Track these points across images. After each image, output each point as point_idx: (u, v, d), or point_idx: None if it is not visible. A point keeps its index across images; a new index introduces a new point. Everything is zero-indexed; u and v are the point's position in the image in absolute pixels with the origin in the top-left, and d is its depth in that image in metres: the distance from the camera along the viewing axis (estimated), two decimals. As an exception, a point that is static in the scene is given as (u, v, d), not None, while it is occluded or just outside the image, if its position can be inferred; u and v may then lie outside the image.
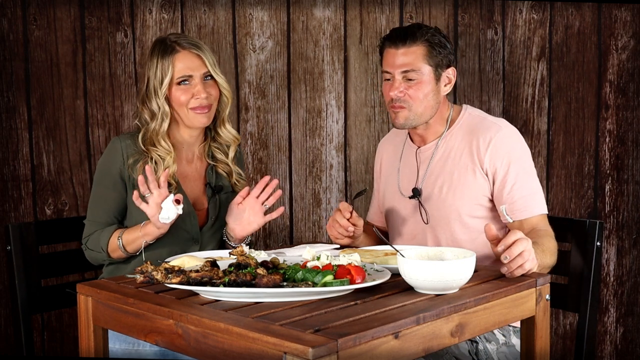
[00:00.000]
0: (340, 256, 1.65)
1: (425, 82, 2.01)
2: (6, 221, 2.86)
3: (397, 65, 2.01)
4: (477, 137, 2.02)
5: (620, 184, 3.03)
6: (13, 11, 2.84)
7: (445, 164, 2.05)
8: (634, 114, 3.02)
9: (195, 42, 2.07)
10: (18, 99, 2.87)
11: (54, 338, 2.96)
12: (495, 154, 1.98)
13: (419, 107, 2.02)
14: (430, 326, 1.40)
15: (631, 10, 2.97)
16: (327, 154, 2.99)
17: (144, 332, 1.52)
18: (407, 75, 2.00)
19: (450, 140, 2.07)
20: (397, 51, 2.01)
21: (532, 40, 2.97)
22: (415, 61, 2.00)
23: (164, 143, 2.06)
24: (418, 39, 2.00)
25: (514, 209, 1.96)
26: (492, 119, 2.08)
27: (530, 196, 1.97)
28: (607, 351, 3.10)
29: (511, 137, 2.02)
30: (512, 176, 1.97)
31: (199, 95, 2.03)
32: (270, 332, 1.28)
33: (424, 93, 2.01)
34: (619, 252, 3.05)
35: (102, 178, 2.08)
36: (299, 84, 2.96)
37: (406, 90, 2.00)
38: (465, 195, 2.01)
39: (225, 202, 2.14)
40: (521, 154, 2.02)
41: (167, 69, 2.02)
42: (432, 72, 2.01)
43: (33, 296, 2.09)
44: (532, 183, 2.00)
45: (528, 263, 1.63)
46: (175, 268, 1.57)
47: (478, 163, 2.00)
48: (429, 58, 2.00)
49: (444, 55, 2.02)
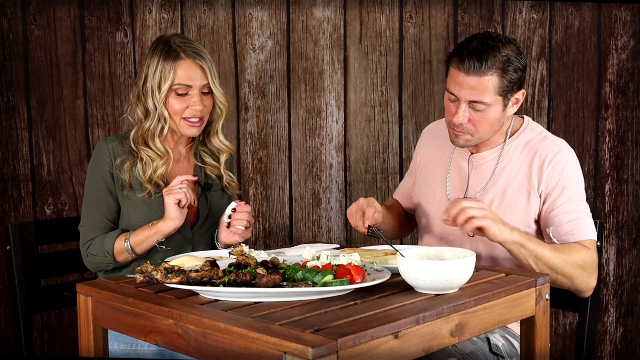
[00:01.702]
0: (340, 256, 1.65)
1: (492, 112, 1.88)
2: (6, 221, 2.86)
3: (466, 92, 1.84)
4: (537, 157, 1.94)
5: (620, 184, 3.03)
6: (13, 11, 2.84)
7: (500, 178, 1.97)
8: (634, 114, 3.02)
9: (200, 51, 2.02)
10: (18, 99, 2.87)
11: (54, 338, 2.96)
12: (552, 175, 1.91)
13: (483, 134, 1.92)
14: (430, 326, 1.40)
15: (631, 10, 2.97)
16: (327, 154, 2.99)
17: (144, 332, 1.52)
18: (475, 107, 1.86)
19: (507, 153, 1.98)
20: (467, 77, 1.83)
21: (532, 40, 2.97)
22: (485, 94, 1.83)
23: (159, 145, 2.04)
24: (494, 66, 1.82)
25: (561, 232, 1.89)
26: (554, 139, 1.99)
27: (578, 221, 1.89)
28: (607, 351, 3.10)
29: (570, 161, 1.95)
30: (564, 199, 1.90)
31: (194, 106, 2.00)
32: (270, 332, 1.28)
33: (490, 122, 1.89)
34: (619, 252, 3.05)
35: (94, 182, 2.05)
36: (299, 84, 2.96)
37: (471, 118, 1.88)
38: (516, 216, 1.93)
39: (215, 201, 2.13)
40: (577, 179, 1.95)
41: (168, 74, 1.99)
42: (501, 102, 1.87)
43: (33, 296, 2.09)
44: (583, 208, 1.92)
45: (475, 213, 1.71)
46: (175, 268, 1.57)
47: (534, 183, 1.93)
48: (500, 90, 1.85)
49: (516, 82, 1.87)
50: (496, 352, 1.87)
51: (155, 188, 2.03)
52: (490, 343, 1.87)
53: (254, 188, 2.99)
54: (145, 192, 2.02)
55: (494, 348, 1.87)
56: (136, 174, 2.03)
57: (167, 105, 2.02)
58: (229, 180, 2.16)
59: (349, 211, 1.92)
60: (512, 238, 1.78)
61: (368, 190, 3.00)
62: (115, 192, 2.04)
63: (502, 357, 1.87)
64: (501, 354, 1.87)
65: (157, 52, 2.02)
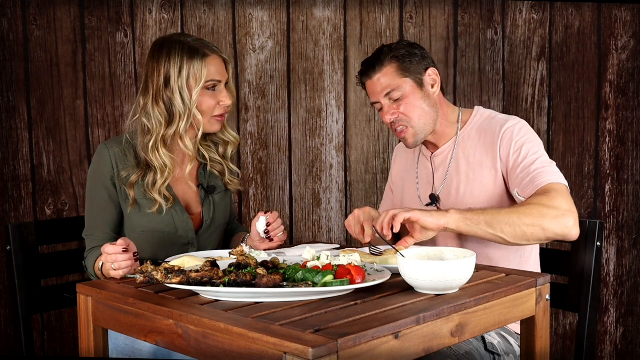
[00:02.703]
0: (340, 256, 1.65)
1: (411, 94, 2.01)
2: (6, 221, 2.86)
3: (378, 92, 2.02)
4: (488, 135, 2.01)
5: (620, 184, 3.04)
6: (13, 11, 2.84)
7: (460, 166, 2.04)
8: (634, 114, 3.02)
9: (216, 46, 2.02)
10: (18, 99, 2.87)
11: (54, 338, 2.96)
12: (504, 143, 1.97)
13: (418, 119, 2.02)
14: (430, 326, 1.40)
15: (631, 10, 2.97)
16: (327, 154, 2.99)
17: (144, 332, 1.52)
18: (392, 96, 2.01)
19: (463, 142, 2.06)
20: (373, 80, 2.03)
21: (532, 40, 2.97)
22: (391, 81, 2.01)
23: (189, 144, 2.00)
24: (385, 60, 2.02)
25: (524, 187, 1.89)
26: (502, 116, 2.06)
27: (538, 170, 1.89)
28: (607, 351, 3.10)
29: (523, 127, 2.00)
30: (521, 158, 1.93)
31: (225, 101, 1.99)
32: (270, 332, 1.28)
33: (415, 104, 2.02)
34: (619, 252, 3.05)
35: (95, 190, 2.01)
36: (299, 84, 2.96)
37: (397, 109, 2.01)
38: (482, 192, 1.99)
39: (219, 203, 2.12)
40: (532, 138, 1.98)
41: (200, 71, 1.94)
42: (412, 82, 2.02)
43: (33, 296, 2.09)
44: (543, 160, 1.92)
45: (397, 212, 1.73)
46: (175, 268, 1.57)
47: (492, 159, 1.98)
48: (402, 71, 2.01)
49: (417, 62, 2.03)
50: (492, 351, 1.87)
51: (165, 200, 1.99)
52: (485, 342, 1.87)
53: (254, 188, 2.99)
54: (155, 207, 1.98)
55: (489, 346, 1.87)
56: (146, 188, 1.98)
57: (197, 103, 1.97)
58: (230, 176, 2.15)
59: (346, 223, 1.94)
60: (450, 218, 1.75)
61: (368, 190, 3.00)
62: (117, 200, 2.00)
63: (497, 354, 1.87)
64: (497, 352, 1.87)
65: (176, 52, 1.95)
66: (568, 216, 1.78)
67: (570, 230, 1.79)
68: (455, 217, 1.74)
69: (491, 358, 1.86)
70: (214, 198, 2.11)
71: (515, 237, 1.76)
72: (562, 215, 1.77)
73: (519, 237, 1.76)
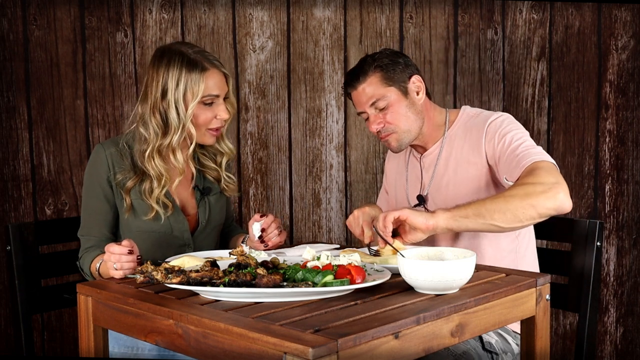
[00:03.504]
0: (340, 256, 1.65)
1: (396, 102, 2.03)
2: (6, 221, 2.86)
3: (364, 102, 2.04)
4: (473, 131, 2.03)
5: (620, 184, 3.04)
6: (13, 11, 2.84)
7: (449, 164, 2.06)
8: (634, 114, 3.02)
9: (217, 59, 2.00)
10: (18, 99, 2.87)
11: (54, 338, 2.96)
12: (492, 135, 1.97)
13: (403, 125, 2.04)
14: (430, 326, 1.40)
15: (631, 10, 2.97)
16: (327, 154, 2.99)
17: (144, 332, 1.52)
18: (377, 106, 2.03)
19: (450, 141, 2.08)
20: (358, 90, 2.05)
21: (532, 40, 2.97)
22: (375, 90, 2.02)
23: (180, 158, 1.99)
24: (369, 70, 2.03)
25: (511, 171, 1.88)
26: (487, 112, 2.08)
27: (522, 152, 1.88)
28: (607, 351, 3.10)
29: (506, 119, 2.00)
30: (507, 145, 1.92)
31: (222, 115, 1.98)
32: (270, 332, 1.28)
33: (401, 112, 2.04)
34: (619, 252, 3.05)
35: (90, 190, 2.01)
36: (299, 84, 2.96)
37: (384, 119, 2.03)
38: (470, 187, 2.00)
39: (215, 205, 2.12)
40: (517, 127, 1.98)
41: (197, 86, 1.93)
42: (397, 91, 2.03)
43: (33, 296, 2.09)
44: (528, 143, 1.91)
45: (388, 212, 1.74)
46: (175, 268, 1.57)
47: (478, 153, 2.00)
48: (386, 80, 2.02)
49: (400, 70, 2.04)
50: (489, 350, 1.87)
51: (163, 208, 1.99)
52: (482, 341, 1.87)
53: (254, 188, 2.99)
54: (151, 215, 1.98)
55: (487, 345, 1.87)
56: (142, 195, 1.98)
57: (193, 116, 1.96)
58: (227, 181, 2.15)
59: (348, 223, 1.95)
60: (438, 218, 1.73)
61: (368, 190, 3.00)
62: (113, 200, 2.01)
63: (495, 353, 1.88)
64: (494, 351, 1.87)
65: (175, 64, 1.94)
66: (555, 189, 1.75)
67: (562, 202, 1.75)
68: (443, 217, 1.73)
69: (489, 357, 1.86)
70: (209, 199, 2.12)
71: (507, 221, 1.73)
72: (549, 189, 1.74)
73: (512, 220, 1.73)
